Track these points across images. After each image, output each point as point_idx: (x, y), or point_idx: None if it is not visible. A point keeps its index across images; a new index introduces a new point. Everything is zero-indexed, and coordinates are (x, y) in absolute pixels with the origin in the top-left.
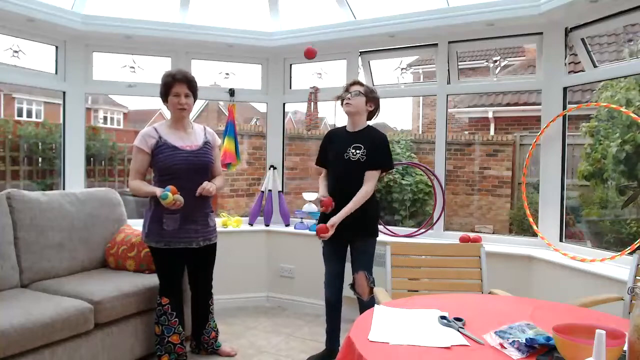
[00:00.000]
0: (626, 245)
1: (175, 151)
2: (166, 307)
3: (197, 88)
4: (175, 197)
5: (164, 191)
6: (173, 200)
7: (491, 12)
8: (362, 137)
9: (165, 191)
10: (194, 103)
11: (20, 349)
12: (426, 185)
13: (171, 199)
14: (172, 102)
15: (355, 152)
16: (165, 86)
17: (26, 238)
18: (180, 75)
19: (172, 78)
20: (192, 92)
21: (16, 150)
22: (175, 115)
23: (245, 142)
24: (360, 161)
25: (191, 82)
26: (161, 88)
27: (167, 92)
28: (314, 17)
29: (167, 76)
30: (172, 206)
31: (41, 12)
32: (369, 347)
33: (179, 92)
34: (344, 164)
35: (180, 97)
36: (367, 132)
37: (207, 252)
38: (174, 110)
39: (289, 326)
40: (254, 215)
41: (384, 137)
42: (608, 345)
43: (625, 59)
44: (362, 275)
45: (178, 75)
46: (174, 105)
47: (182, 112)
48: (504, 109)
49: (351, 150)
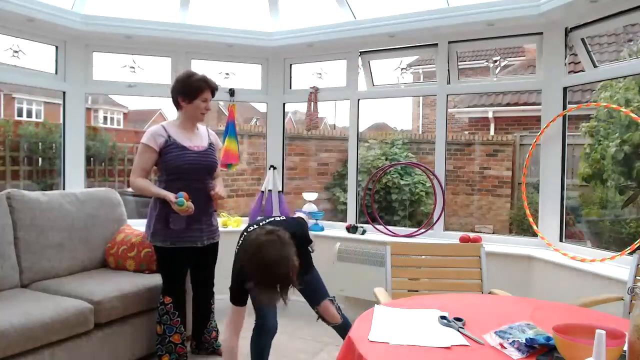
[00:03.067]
0: (626, 245)
1: (184, 151)
2: (169, 307)
3: None
4: (188, 204)
5: (178, 197)
6: (187, 207)
7: (491, 12)
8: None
9: (180, 197)
10: None
11: (20, 349)
12: (425, 185)
13: (186, 206)
14: (198, 105)
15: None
16: (197, 90)
17: (26, 238)
18: (213, 83)
19: (206, 84)
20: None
21: (16, 150)
22: (197, 119)
23: (245, 142)
24: None
25: (216, 90)
26: (186, 88)
27: (196, 95)
28: (314, 17)
29: (200, 81)
30: (185, 213)
31: (41, 12)
32: (369, 347)
33: (207, 98)
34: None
35: (207, 102)
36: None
37: (210, 251)
38: (197, 114)
39: (289, 326)
40: (254, 215)
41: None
42: (608, 345)
43: (625, 59)
44: (328, 303)
45: (211, 83)
46: (199, 109)
47: (203, 117)
48: (504, 109)
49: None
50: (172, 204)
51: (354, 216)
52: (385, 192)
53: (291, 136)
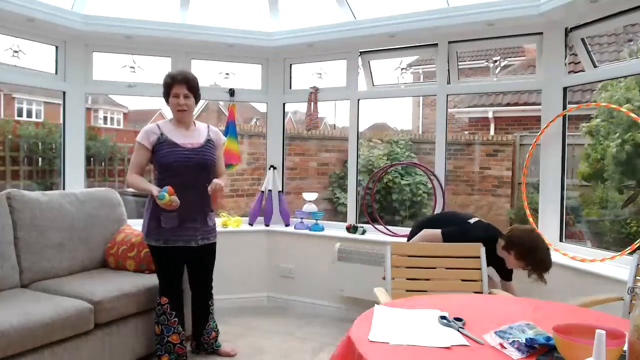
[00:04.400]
0: (626, 245)
1: (176, 148)
2: (165, 307)
3: (199, 88)
4: (171, 198)
5: (160, 191)
6: (169, 201)
7: (491, 12)
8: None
9: (162, 191)
10: (195, 103)
11: (21, 349)
12: (426, 186)
13: (167, 200)
14: (172, 102)
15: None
16: (165, 87)
17: (26, 238)
18: (180, 77)
19: (171, 79)
20: (192, 93)
21: (16, 150)
22: (176, 117)
23: (245, 142)
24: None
25: (190, 82)
26: (162, 88)
27: (167, 93)
28: (314, 17)
29: (166, 77)
30: (168, 207)
31: (41, 12)
32: (369, 347)
33: (178, 93)
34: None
35: (179, 97)
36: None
37: (207, 252)
38: (174, 111)
39: (289, 326)
40: (254, 215)
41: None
42: (608, 345)
43: (625, 59)
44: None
45: (178, 77)
46: (174, 106)
47: (181, 114)
48: (504, 109)
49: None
50: (155, 197)
51: (354, 216)
52: (385, 192)
53: (291, 136)
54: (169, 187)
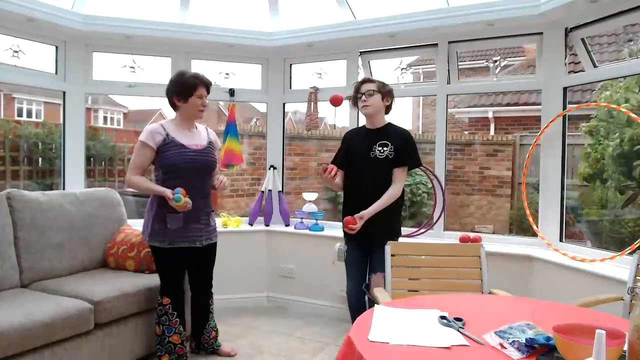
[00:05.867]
0: (626, 245)
1: (183, 149)
2: (167, 307)
3: None
4: (186, 200)
5: (175, 193)
6: (185, 202)
7: (491, 12)
8: (386, 134)
9: (177, 193)
10: None
11: (21, 349)
12: (427, 187)
13: (184, 202)
14: (194, 102)
15: (382, 150)
16: (190, 87)
17: (26, 238)
18: (205, 79)
19: (199, 80)
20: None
21: (16, 150)
22: (195, 116)
23: (245, 142)
24: (389, 158)
25: (210, 86)
26: (180, 88)
27: (190, 93)
28: (314, 17)
29: (192, 77)
30: (182, 209)
31: (41, 12)
32: (369, 347)
33: (202, 94)
34: (369, 163)
35: (203, 99)
36: (392, 129)
37: (208, 251)
38: (195, 111)
39: (289, 326)
40: (254, 215)
41: (409, 134)
42: (608, 345)
43: (625, 59)
44: (381, 277)
45: (204, 79)
46: (196, 107)
47: (201, 114)
48: (504, 109)
49: (377, 148)
50: (170, 200)
51: None
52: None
53: (291, 136)
54: (181, 188)
